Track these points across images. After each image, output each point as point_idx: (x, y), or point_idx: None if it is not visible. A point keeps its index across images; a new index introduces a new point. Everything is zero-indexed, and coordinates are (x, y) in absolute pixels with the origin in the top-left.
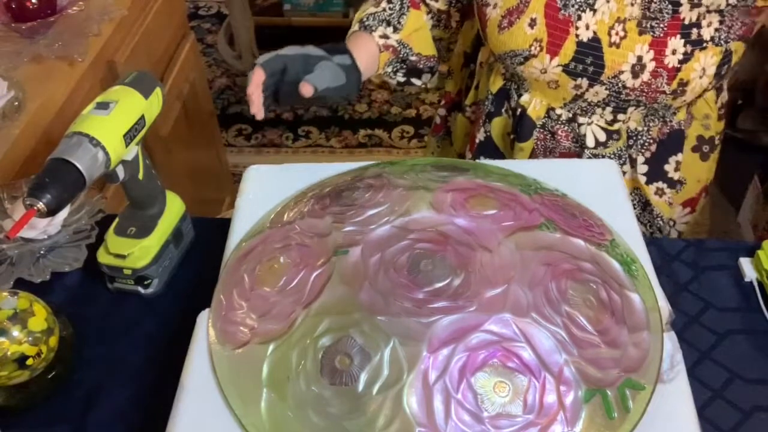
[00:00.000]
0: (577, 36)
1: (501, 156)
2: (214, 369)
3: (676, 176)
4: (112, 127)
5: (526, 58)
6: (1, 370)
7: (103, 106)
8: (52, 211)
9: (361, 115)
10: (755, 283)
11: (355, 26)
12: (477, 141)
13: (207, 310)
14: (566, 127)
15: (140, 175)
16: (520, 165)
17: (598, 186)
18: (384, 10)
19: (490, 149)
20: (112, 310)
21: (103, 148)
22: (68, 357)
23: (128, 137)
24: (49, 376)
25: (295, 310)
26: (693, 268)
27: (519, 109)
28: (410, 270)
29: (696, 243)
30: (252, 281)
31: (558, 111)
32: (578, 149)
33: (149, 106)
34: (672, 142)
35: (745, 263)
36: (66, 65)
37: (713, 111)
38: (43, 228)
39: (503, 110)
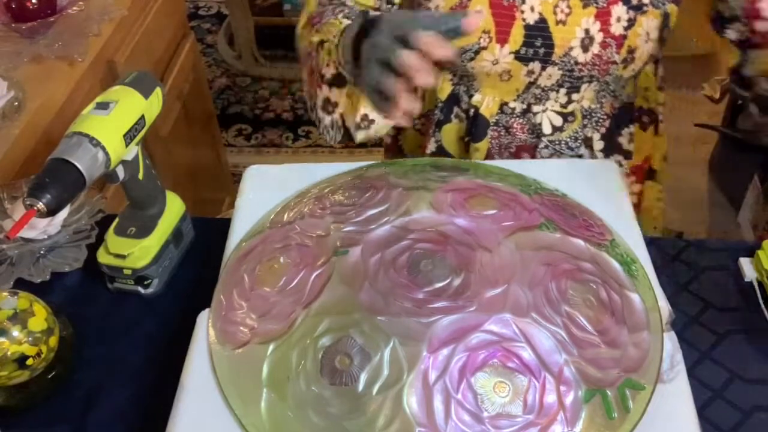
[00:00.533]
0: (523, 20)
1: None
2: (214, 369)
3: (630, 147)
4: (112, 127)
5: (477, 52)
6: (1, 370)
7: (103, 106)
8: (52, 211)
9: None
10: (755, 283)
11: (344, 22)
12: (428, 152)
13: (207, 310)
14: (521, 120)
15: (140, 175)
16: (520, 165)
17: (598, 186)
18: (353, 9)
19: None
20: (112, 310)
21: (103, 148)
22: (68, 357)
23: (128, 137)
24: (49, 376)
25: (295, 310)
26: (693, 268)
27: (471, 110)
28: (410, 270)
29: (696, 243)
30: (252, 281)
31: (512, 104)
32: (534, 140)
33: (149, 106)
34: (623, 115)
35: (745, 263)
36: (66, 65)
37: (652, 83)
38: (43, 228)
39: (453, 116)
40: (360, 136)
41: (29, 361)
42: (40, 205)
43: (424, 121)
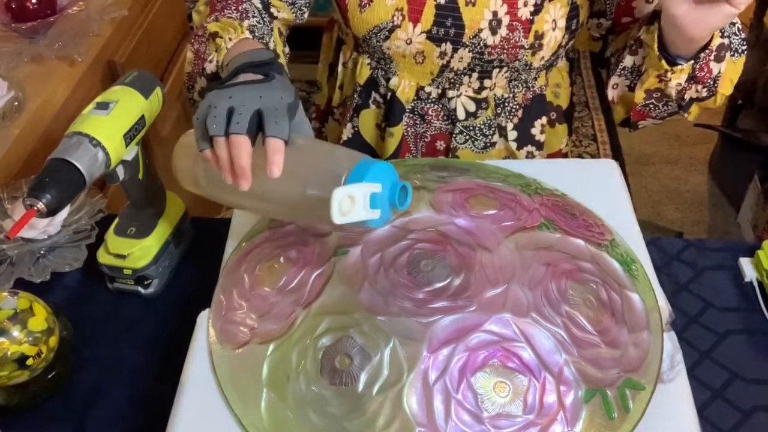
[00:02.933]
0: (435, 0)
1: (370, 150)
2: (214, 369)
3: (542, 138)
4: (112, 127)
5: (391, 31)
6: (1, 370)
7: (103, 106)
8: (52, 211)
9: None
10: (755, 283)
11: (247, 34)
12: (344, 138)
13: (207, 310)
14: (436, 105)
15: (140, 175)
16: (521, 165)
17: (598, 186)
18: (257, 24)
19: (358, 144)
20: (112, 310)
21: (103, 148)
22: (68, 357)
23: (128, 137)
24: (49, 376)
25: (295, 310)
26: (693, 268)
27: (389, 94)
28: (410, 270)
29: (696, 243)
30: (252, 281)
31: (427, 89)
32: (449, 126)
33: (149, 106)
34: (535, 106)
35: (745, 263)
36: (66, 65)
37: (564, 80)
38: (43, 228)
39: (370, 101)
40: None
41: (29, 361)
42: (40, 205)
43: (342, 110)
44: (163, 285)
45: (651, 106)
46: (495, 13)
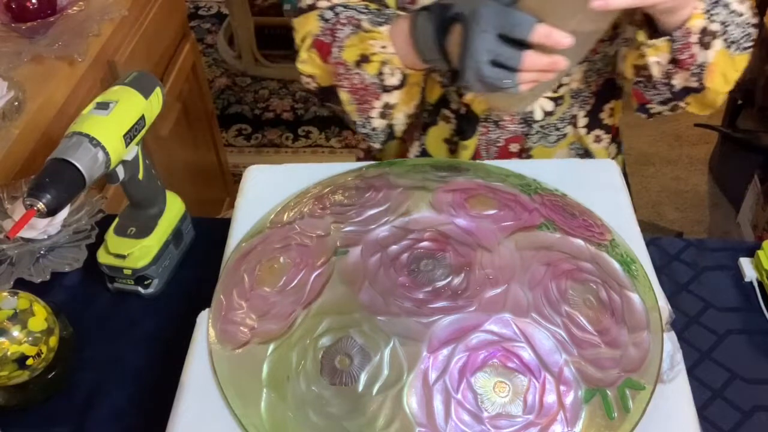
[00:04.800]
0: None
1: None
2: (214, 369)
3: (610, 121)
4: (112, 127)
5: None
6: (1, 370)
7: (103, 106)
8: (52, 211)
9: None
10: (755, 283)
11: (378, 29)
12: (411, 155)
13: (207, 310)
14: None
15: (140, 175)
16: (520, 165)
17: (598, 186)
18: (372, 12)
19: None
20: (112, 310)
21: (103, 148)
22: (68, 357)
23: (128, 137)
24: (49, 376)
25: (295, 310)
26: (693, 268)
27: (462, 109)
28: (410, 270)
29: (696, 243)
30: (252, 281)
31: None
32: (525, 129)
33: (149, 106)
34: (606, 92)
35: (745, 263)
36: (66, 65)
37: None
38: (43, 228)
39: (438, 118)
40: (406, 125)
41: (29, 361)
42: (40, 205)
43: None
44: (163, 285)
45: (642, 85)
46: None
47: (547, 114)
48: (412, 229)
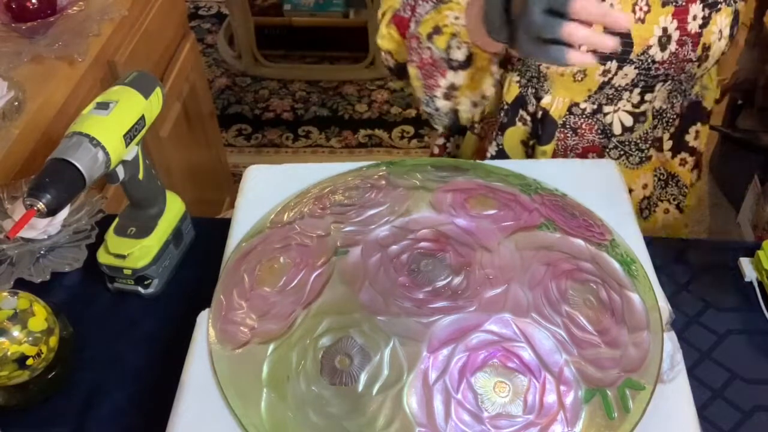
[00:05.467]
0: None
1: None
2: (214, 369)
3: (696, 144)
4: (112, 127)
5: None
6: (1, 370)
7: (103, 106)
8: (52, 211)
9: (361, 115)
10: (755, 283)
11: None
12: (489, 155)
13: (207, 310)
14: (590, 120)
15: (140, 175)
16: (520, 165)
17: (598, 186)
18: None
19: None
20: (112, 310)
21: (103, 148)
22: (68, 357)
23: (128, 137)
24: (49, 376)
25: (295, 310)
26: (693, 268)
27: (540, 113)
28: (410, 270)
29: (696, 243)
30: (252, 281)
31: (582, 105)
32: (603, 140)
33: (149, 106)
34: (692, 114)
35: (745, 263)
36: (66, 65)
37: (712, 83)
38: (43, 228)
39: (517, 119)
40: (472, 113)
41: (29, 361)
42: (40, 205)
43: (483, 125)
44: (163, 285)
45: None
46: (665, 30)
47: (626, 129)
48: (412, 229)
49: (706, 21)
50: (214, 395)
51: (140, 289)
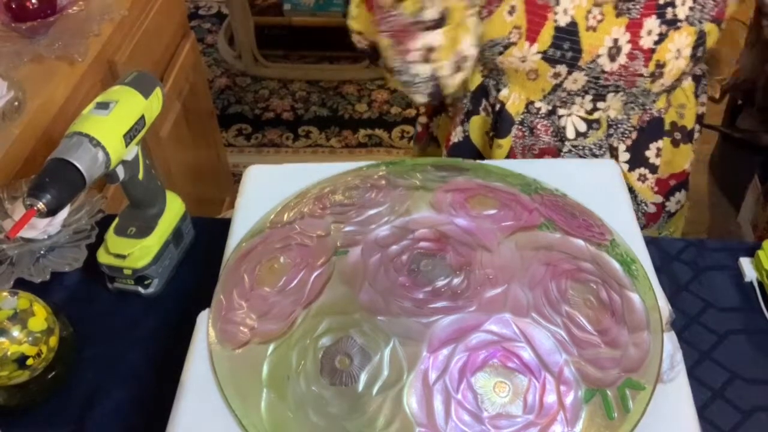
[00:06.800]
0: (555, 21)
1: (479, 156)
2: (214, 369)
3: (657, 161)
4: (112, 127)
5: (506, 47)
6: (1, 370)
7: (103, 106)
8: (52, 211)
9: (361, 115)
10: (755, 283)
11: None
12: (454, 141)
13: (207, 310)
14: (546, 121)
15: (140, 175)
16: (520, 165)
17: (598, 186)
18: None
19: (467, 149)
20: (112, 310)
21: (103, 148)
22: (68, 357)
23: (128, 137)
24: (49, 376)
25: (295, 310)
26: (693, 268)
27: (498, 105)
28: (410, 270)
29: (696, 243)
30: (252, 281)
31: (537, 104)
32: (558, 143)
33: (149, 106)
34: (653, 129)
35: (745, 263)
36: (66, 65)
37: (690, 101)
38: (43, 228)
39: (481, 108)
40: (457, 79)
41: (29, 361)
42: (40, 205)
43: (453, 110)
44: (163, 285)
45: None
46: (616, 41)
47: (580, 134)
48: (412, 229)
49: (662, 38)
50: (214, 395)
51: (140, 289)
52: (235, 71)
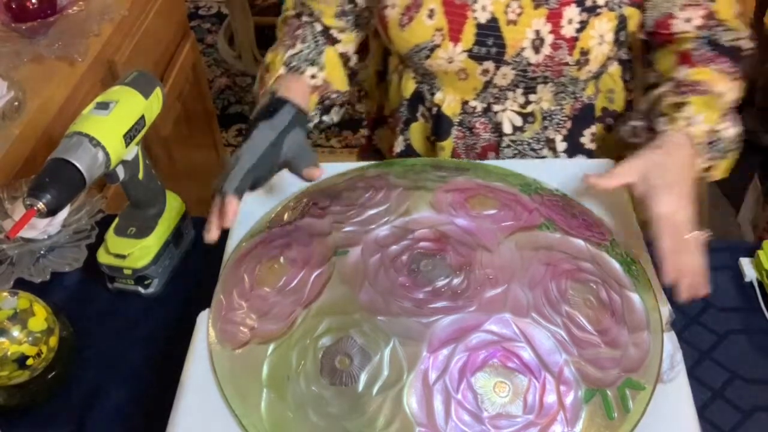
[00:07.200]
0: (475, 19)
1: None
2: (214, 369)
3: (593, 146)
4: (112, 127)
5: (432, 50)
6: (1, 370)
7: (103, 106)
8: (52, 211)
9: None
10: (755, 283)
11: (281, 69)
12: (397, 151)
13: (207, 310)
14: (483, 119)
15: (140, 175)
16: (521, 165)
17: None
18: (302, 50)
19: (410, 157)
20: (112, 310)
21: (103, 148)
22: (68, 357)
23: (128, 137)
24: (49, 376)
25: (295, 310)
26: None
27: (434, 109)
28: (410, 270)
29: None
30: (252, 281)
31: (472, 103)
32: (497, 138)
33: (149, 106)
34: (584, 116)
35: (745, 263)
36: (66, 65)
37: (618, 86)
38: (43, 228)
39: (419, 115)
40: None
41: (29, 361)
42: (40, 205)
43: (393, 120)
44: (163, 285)
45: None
46: (537, 32)
47: (516, 129)
48: (412, 229)
49: (583, 25)
50: (214, 395)
51: (140, 289)
52: (235, 71)
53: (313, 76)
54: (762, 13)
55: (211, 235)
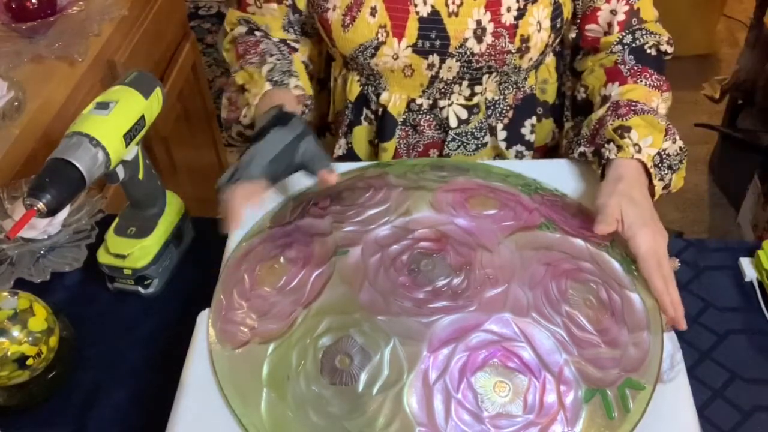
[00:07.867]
0: (417, 13)
1: None
2: (214, 369)
3: (532, 138)
4: (112, 127)
5: (377, 48)
6: (1, 370)
7: (103, 106)
8: (52, 211)
9: None
10: (755, 283)
11: (267, 86)
12: (338, 154)
13: (207, 310)
14: (428, 116)
15: (140, 175)
16: (521, 165)
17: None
18: (275, 64)
19: (351, 160)
20: (112, 310)
21: (103, 148)
22: (68, 357)
23: (128, 137)
24: (49, 376)
25: (296, 310)
26: (693, 268)
27: (380, 110)
28: (410, 270)
29: (696, 243)
30: (252, 281)
31: (418, 101)
32: (442, 135)
33: (149, 106)
34: (526, 107)
35: (745, 263)
36: (66, 65)
37: (551, 75)
38: (43, 228)
39: (362, 118)
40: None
41: (29, 361)
42: (40, 205)
43: (335, 126)
44: (163, 285)
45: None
46: (479, 22)
47: (462, 122)
48: (413, 229)
49: (521, 12)
50: (214, 395)
51: (140, 289)
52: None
53: (296, 87)
54: (762, 13)
55: (232, 225)
